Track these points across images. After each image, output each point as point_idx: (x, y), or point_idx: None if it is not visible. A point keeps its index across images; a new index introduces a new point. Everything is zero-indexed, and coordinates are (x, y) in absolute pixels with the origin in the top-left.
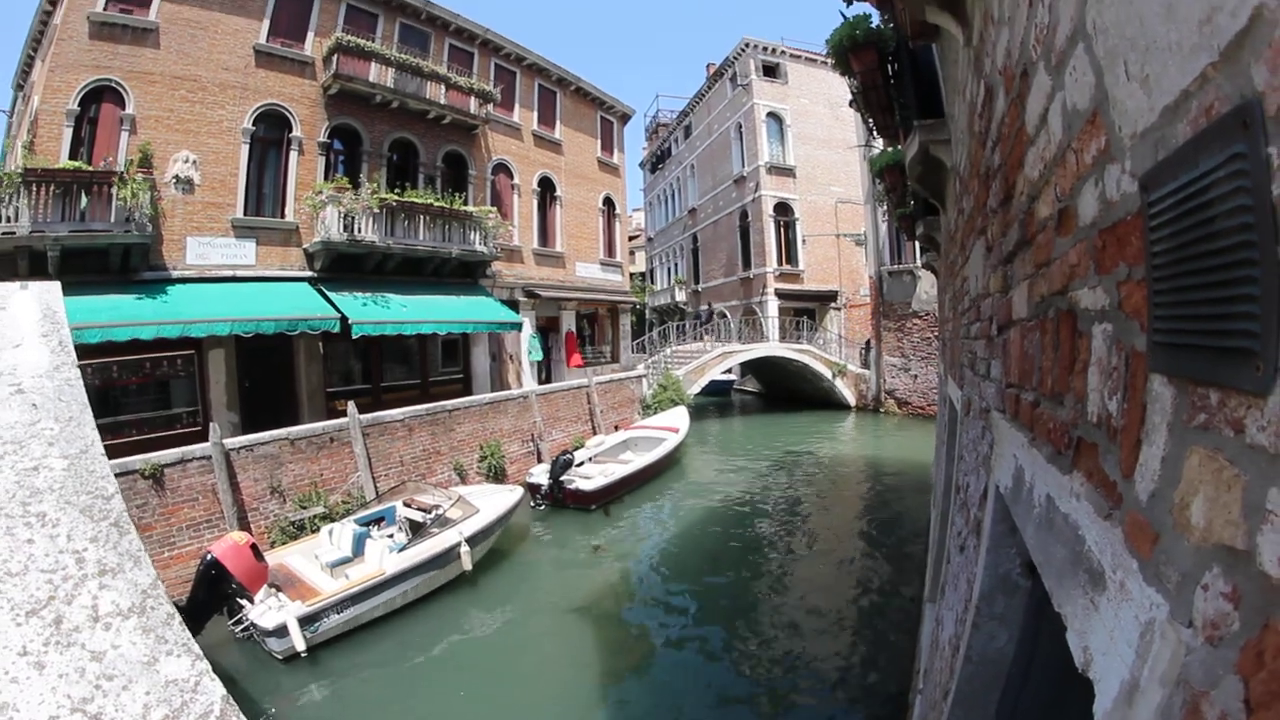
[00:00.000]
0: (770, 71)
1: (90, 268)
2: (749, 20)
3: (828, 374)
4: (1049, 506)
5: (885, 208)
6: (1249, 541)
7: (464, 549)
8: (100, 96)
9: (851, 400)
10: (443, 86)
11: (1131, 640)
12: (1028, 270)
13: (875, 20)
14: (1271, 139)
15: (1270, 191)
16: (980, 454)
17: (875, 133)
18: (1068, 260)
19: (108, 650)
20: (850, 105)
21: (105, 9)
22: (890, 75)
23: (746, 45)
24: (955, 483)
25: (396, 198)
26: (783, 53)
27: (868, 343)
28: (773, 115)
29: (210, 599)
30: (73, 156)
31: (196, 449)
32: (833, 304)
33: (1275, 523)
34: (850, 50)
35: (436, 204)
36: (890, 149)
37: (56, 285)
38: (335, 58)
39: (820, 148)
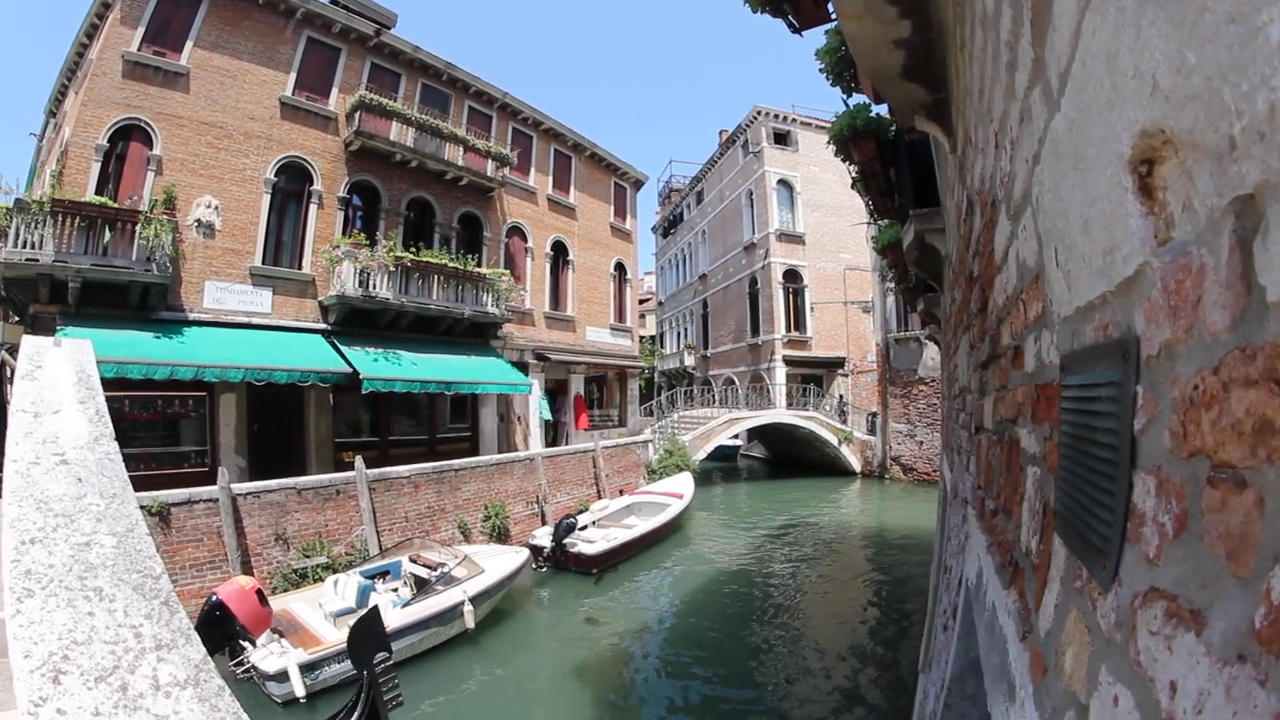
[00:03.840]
0: (781, 139)
1: (109, 302)
2: (762, 88)
3: (834, 440)
4: (993, 614)
5: (891, 278)
6: (1087, 700)
7: (467, 607)
8: (129, 135)
9: (857, 466)
10: (461, 148)
11: None
12: (994, 384)
13: (875, 109)
14: (1142, 378)
15: (1133, 425)
16: (959, 541)
17: (875, 216)
18: (1016, 396)
19: (170, 715)
20: (852, 188)
21: (140, 49)
22: (889, 161)
23: (759, 113)
24: (943, 561)
25: (412, 257)
26: (794, 120)
27: (873, 413)
28: (783, 182)
29: (212, 639)
30: (99, 191)
31: (204, 491)
32: (840, 370)
33: (1101, 692)
34: (850, 139)
35: (451, 264)
36: (892, 226)
37: (89, 344)
38: (358, 115)
39: (830, 215)
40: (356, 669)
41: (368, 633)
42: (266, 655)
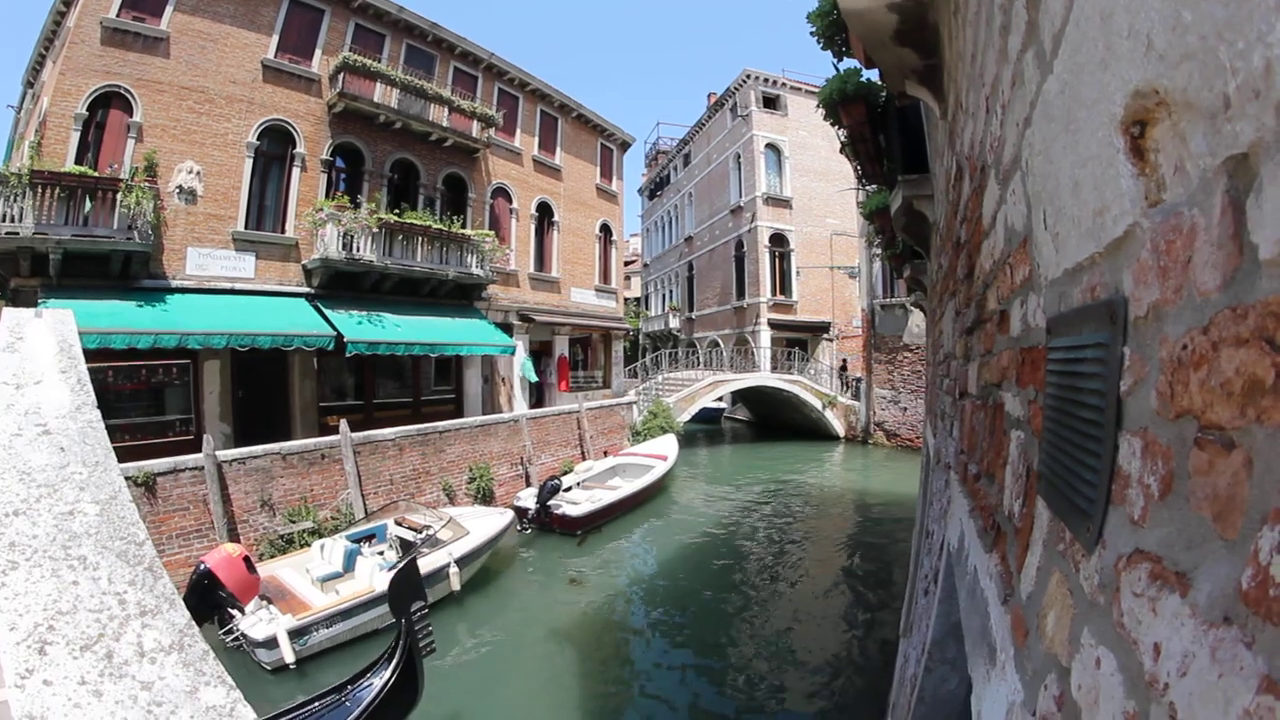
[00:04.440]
0: (770, 103)
1: (91, 272)
2: (752, 51)
3: (818, 404)
4: (975, 578)
5: (878, 244)
6: (1069, 663)
7: (453, 570)
8: (109, 102)
9: (841, 431)
10: (446, 109)
11: (1001, 717)
12: (980, 350)
13: (866, 74)
14: (1129, 339)
15: (1119, 386)
16: (942, 505)
17: (863, 181)
18: (1001, 360)
19: (155, 681)
20: (840, 152)
21: (118, 15)
22: (879, 127)
23: (748, 76)
24: (925, 525)
25: (395, 218)
26: (783, 84)
27: (858, 378)
28: (771, 146)
29: (201, 608)
30: (79, 161)
31: (189, 459)
32: (825, 335)
33: (1083, 655)
34: (840, 103)
35: (435, 226)
36: (881, 192)
37: (70, 313)
38: (341, 76)
39: (817, 179)
40: (395, 616)
41: (406, 582)
42: (255, 622)
